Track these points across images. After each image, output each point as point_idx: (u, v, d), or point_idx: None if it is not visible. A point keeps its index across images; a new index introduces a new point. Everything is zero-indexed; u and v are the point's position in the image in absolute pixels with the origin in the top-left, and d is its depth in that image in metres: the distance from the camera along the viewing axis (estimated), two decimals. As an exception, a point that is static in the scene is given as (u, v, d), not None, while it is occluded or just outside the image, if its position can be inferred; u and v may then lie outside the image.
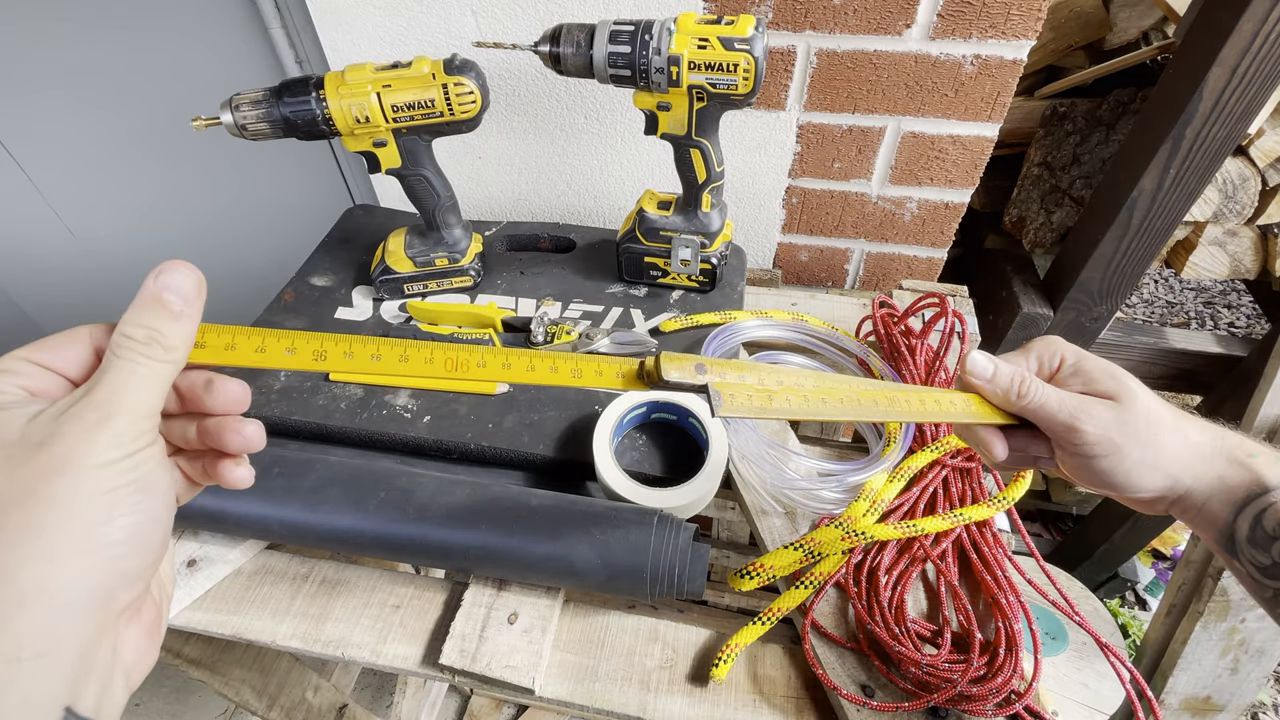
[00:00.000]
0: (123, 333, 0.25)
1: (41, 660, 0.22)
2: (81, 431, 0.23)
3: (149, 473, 0.25)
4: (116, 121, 1.11)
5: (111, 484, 0.24)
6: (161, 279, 0.26)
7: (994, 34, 0.70)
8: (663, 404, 0.61)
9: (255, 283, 1.30)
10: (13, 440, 0.23)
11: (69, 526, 0.23)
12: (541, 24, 0.73)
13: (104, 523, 0.23)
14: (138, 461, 0.25)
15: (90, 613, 0.23)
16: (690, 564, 0.49)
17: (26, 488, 0.23)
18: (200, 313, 0.27)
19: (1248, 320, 1.24)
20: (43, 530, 0.22)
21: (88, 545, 0.23)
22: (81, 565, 0.23)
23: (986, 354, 0.39)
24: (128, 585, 0.25)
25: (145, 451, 0.25)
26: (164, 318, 0.26)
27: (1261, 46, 0.69)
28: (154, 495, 0.25)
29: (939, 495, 0.58)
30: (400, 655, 0.52)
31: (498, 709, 1.31)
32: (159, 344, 0.26)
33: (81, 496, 0.23)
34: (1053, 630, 0.57)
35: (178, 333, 0.26)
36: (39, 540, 0.22)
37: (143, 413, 0.25)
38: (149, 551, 0.25)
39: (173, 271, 0.27)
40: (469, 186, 0.96)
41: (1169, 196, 0.82)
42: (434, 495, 0.53)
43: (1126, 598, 1.45)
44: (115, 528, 0.24)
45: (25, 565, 0.22)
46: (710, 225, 0.72)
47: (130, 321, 0.26)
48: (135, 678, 0.26)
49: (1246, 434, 0.38)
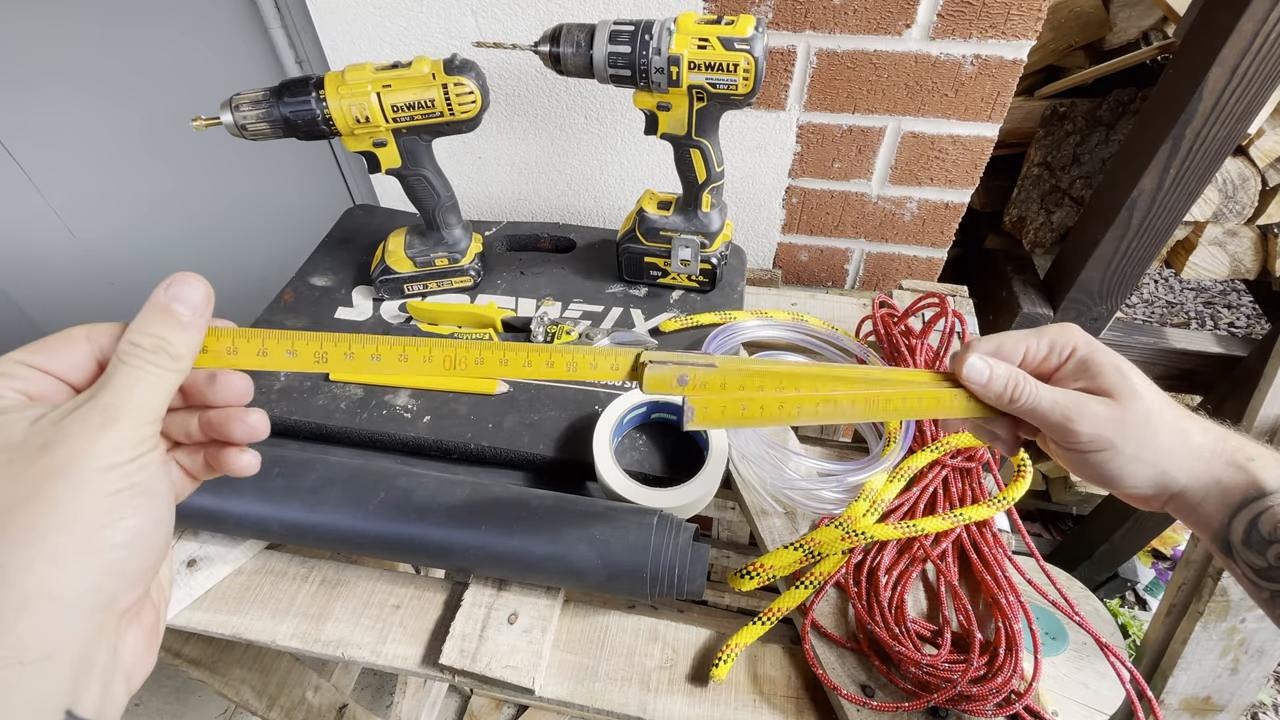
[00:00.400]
0: (130, 340, 0.26)
1: (44, 663, 0.22)
2: (86, 434, 0.24)
3: (151, 476, 0.25)
4: (116, 121, 1.11)
5: (115, 487, 0.24)
6: (171, 290, 0.27)
7: (994, 34, 0.70)
8: (663, 404, 0.61)
9: (255, 283, 1.30)
10: (15, 443, 0.23)
11: (72, 529, 0.23)
12: (541, 24, 0.73)
13: (107, 525, 0.24)
14: (140, 465, 0.25)
15: (92, 615, 0.23)
16: (690, 564, 0.49)
17: (30, 490, 0.23)
18: (207, 324, 0.28)
19: (1248, 320, 1.24)
20: (46, 533, 0.22)
21: (90, 548, 0.23)
22: (84, 568, 0.23)
23: (981, 356, 0.38)
24: (129, 587, 0.25)
25: (148, 455, 0.25)
26: (172, 327, 0.27)
27: (1261, 46, 0.69)
28: (156, 498, 0.25)
29: (939, 495, 0.58)
30: (400, 655, 0.52)
31: (498, 709, 1.32)
32: (166, 352, 0.26)
33: (85, 499, 0.23)
34: (1053, 630, 0.58)
35: (185, 342, 0.27)
36: (42, 543, 0.22)
37: (147, 418, 0.25)
38: (150, 554, 0.25)
39: (183, 283, 0.27)
40: (469, 186, 0.96)
41: (1169, 196, 0.82)
42: (434, 495, 0.53)
43: (1126, 598, 1.45)
44: (118, 530, 0.24)
45: (28, 568, 0.22)
46: (710, 225, 0.72)
47: (138, 330, 0.26)
48: (135, 680, 0.26)
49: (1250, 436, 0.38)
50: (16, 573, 0.22)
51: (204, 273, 0.28)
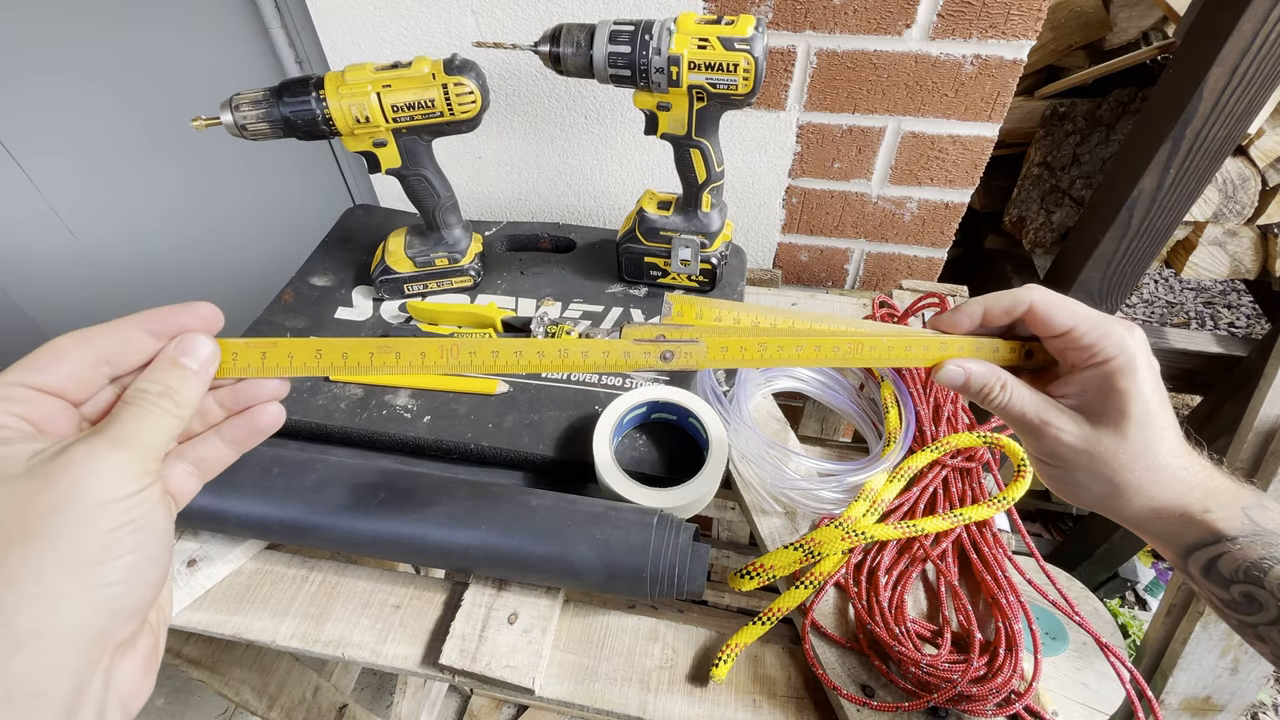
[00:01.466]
0: (139, 387, 0.28)
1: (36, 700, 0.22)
2: (87, 469, 0.24)
3: (148, 512, 0.26)
4: (117, 121, 1.11)
5: (112, 523, 0.24)
6: (181, 345, 0.29)
7: (994, 34, 0.70)
8: (663, 404, 0.61)
9: (255, 283, 1.30)
10: (16, 474, 0.24)
11: (67, 565, 0.23)
12: (541, 24, 0.73)
13: (102, 562, 0.24)
14: (139, 500, 0.25)
15: (86, 651, 0.24)
16: (690, 564, 0.49)
17: (28, 526, 0.23)
18: (210, 378, 0.30)
19: (1248, 320, 1.24)
20: (41, 571, 0.23)
21: (86, 585, 0.23)
22: (79, 605, 0.23)
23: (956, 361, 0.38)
24: (124, 623, 0.25)
25: (147, 491, 0.26)
26: (179, 378, 0.28)
27: (1261, 46, 0.69)
28: (153, 535, 0.26)
29: (939, 495, 0.58)
30: (400, 655, 0.52)
31: (498, 709, 1.32)
32: (172, 399, 0.28)
33: (82, 535, 0.23)
34: (1053, 630, 0.57)
35: (189, 390, 0.29)
36: (38, 582, 0.23)
37: (148, 455, 0.26)
38: (146, 589, 0.26)
39: (191, 340, 0.29)
40: (469, 186, 0.96)
41: (1169, 196, 0.82)
42: (434, 495, 0.53)
43: (1126, 598, 1.45)
44: (113, 568, 0.24)
45: (21, 607, 0.22)
46: (710, 225, 0.72)
47: (148, 378, 0.28)
48: (133, 706, 0.26)
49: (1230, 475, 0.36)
50: (10, 611, 0.22)
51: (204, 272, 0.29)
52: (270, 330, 0.73)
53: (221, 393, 0.32)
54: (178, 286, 1.35)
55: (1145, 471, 0.35)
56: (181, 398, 0.28)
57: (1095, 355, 0.35)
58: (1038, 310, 0.37)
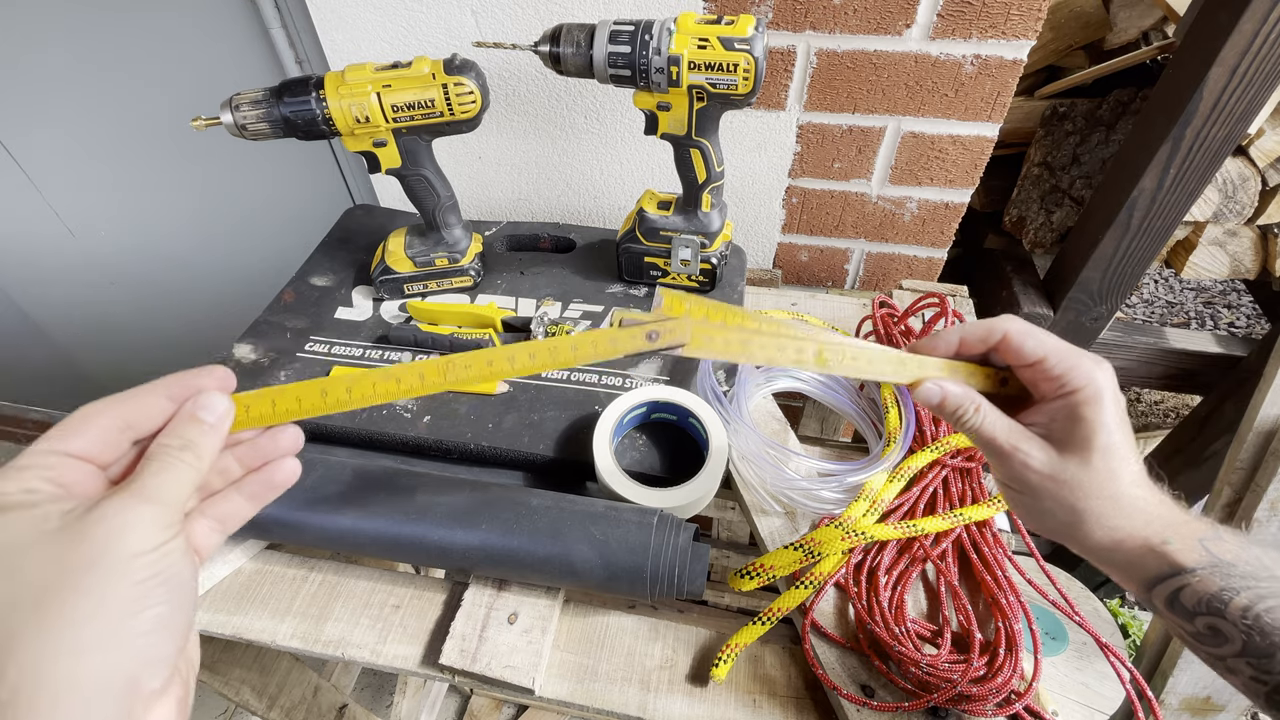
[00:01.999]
0: (161, 442, 0.29)
1: None
2: (119, 524, 0.25)
3: (175, 562, 0.27)
4: (116, 121, 1.11)
5: (142, 575, 0.25)
6: (199, 401, 0.31)
7: (994, 34, 0.70)
8: (663, 404, 0.61)
9: (255, 283, 1.30)
10: (50, 531, 0.25)
11: (99, 618, 0.24)
12: (541, 24, 0.73)
13: (133, 614, 0.25)
14: (165, 552, 0.26)
15: (118, 701, 0.24)
16: (690, 564, 0.49)
17: (62, 580, 0.24)
18: (226, 431, 0.32)
19: (1248, 320, 1.24)
20: (74, 623, 0.23)
21: (117, 637, 0.24)
22: (111, 658, 0.24)
23: (936, 381, 0.40)
24: (155, 673, 0.26)
25: (173, 542, 0.27)
26: (198, 431, 0.30)
27: (1261, 46, 0.69)
28: (180, 585, 0.27)
29: (939, 495, 0.58)
30: (400, 655, 0.52)
31: (498, 709, 1.32)
32: (192, 451, 0.30)
33: (113, 588, 0.24)
34: (1053, 630, 0.57)
35: (208, 444, 0.30)
36: (73, 633, 0.23)
37: (173, 507, 0.28)
38: (175, 637, 0.27)
39: (208, 397, 0.31)
40: (469, 186, 0.96)
41: (1169, 196, 0.82)
42: (434, 495, 0.53)
43: (1126, 598, 1.45)
44: (144, 618, 0.25)
45: (57, 659, 0.23)
46: (710, 225, 0.72)
47: (169, 434, 0.30)
48: None
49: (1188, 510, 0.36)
50: (47, 665, 0.23)
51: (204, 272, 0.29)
52: (270, 329, 0.73)
53: (241, 449, 0.33)
54: (178, 286, 1.35)
55: (1108, 500, 0.36)
56: (201, 450, 0.30)
57: (1064, 386, 0.37)
58: (1011, 340, 0.38)
